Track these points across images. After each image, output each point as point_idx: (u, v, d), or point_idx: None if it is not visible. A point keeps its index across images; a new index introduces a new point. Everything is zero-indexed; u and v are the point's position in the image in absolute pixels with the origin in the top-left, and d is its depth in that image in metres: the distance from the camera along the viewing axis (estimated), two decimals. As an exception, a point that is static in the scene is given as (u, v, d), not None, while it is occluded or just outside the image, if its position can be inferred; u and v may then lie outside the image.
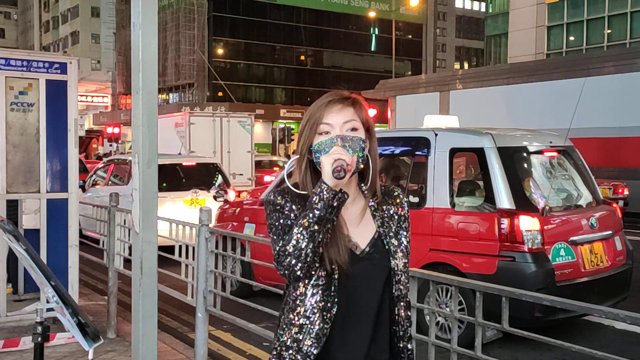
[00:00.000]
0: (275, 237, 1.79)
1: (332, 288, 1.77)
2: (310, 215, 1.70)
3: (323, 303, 1.77)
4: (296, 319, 1.79)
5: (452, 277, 3.15)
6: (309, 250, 1.70)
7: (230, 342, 5.75)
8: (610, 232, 5.89)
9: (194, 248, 4.57)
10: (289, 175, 2.00)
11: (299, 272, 1.73)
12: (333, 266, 1.76)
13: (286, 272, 1.74)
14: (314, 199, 1.70)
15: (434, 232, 5.69)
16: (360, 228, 1.84)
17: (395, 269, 1.84)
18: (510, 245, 5.26)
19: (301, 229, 1.70)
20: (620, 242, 6.00)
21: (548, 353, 5.33)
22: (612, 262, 5.78)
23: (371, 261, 1.82)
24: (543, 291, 4.94)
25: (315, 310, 1.77)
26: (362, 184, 1.89)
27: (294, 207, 1.80)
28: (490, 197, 5.51)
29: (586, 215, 5.79)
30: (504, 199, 5.41)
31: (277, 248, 1.75)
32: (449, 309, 4.95)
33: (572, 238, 5.48)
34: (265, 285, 4.91)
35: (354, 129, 1.81)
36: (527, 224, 5.26)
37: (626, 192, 14.02)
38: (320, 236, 1.70)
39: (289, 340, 1.79)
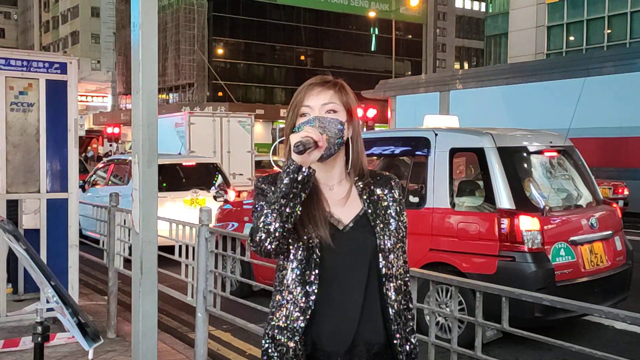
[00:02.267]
0: (254, 219, 1.85)
1: (312, 261, 1.81)
2: (278, 190, 1.75)
3: (303, 276, 1.81)
4: (283, 298, 1.85)
5: (452, 277, 3.15)
6: (277, 225, 1.74)
7: (230, 342, 5.75)
8: (610, 232, 5.89)
9: (194, 248, 4.57)
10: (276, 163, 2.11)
11: (268, 247, 1.77)
12: (311, 240, 1.81)
13: (258, 248, 1.78)
14: (282, 175, 1.76)
15: (434, 232, 5.69)
16: (345, 207, 1.89)
17: (382, 245, 1.86)
18: (510, 245, 5.26)
19: (270, 204, 1.77)
20: (620, 242, 5.99)
21: (548, 353, 5.33)
22: (612, 262, 5.78)
23: (354, 236, 1.86)
24: (543, 291, 4.94)
25: (297, 284, 1.82)
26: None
27: (273, 188, 1.86)
28: (490, 197, 5.51)
29: (586, 215, 5.79)
30: (504, 199, 5.41)
31: (252, 226, 1.81)
32: (449, 309, 4.95)
33: (572, 238, 5.48)
34: (265, 285, 4.91)
35: (333, 111, 1.87)
36: (527, 224, 5.26)
37: (626, 192, 14.02)
38: (288, 211, 1.74)
39: (281, 320, 1.84)
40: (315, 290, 1.81)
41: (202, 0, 53.84)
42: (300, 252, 1.83)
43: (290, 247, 1.84)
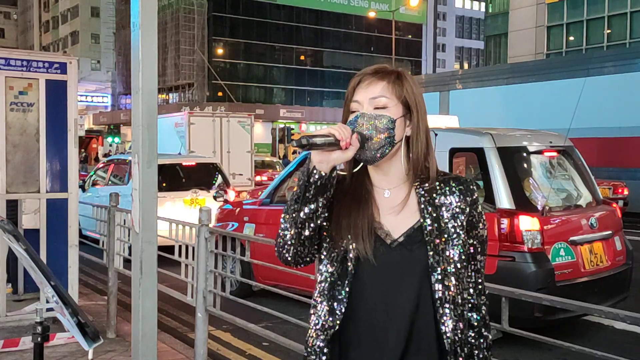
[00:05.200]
0: None
1: (345, 277, 1.60)
2: (292, 194, 1.61)
3: (332, 292, 1.62)
4: (311, 314, 1.68)
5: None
6: (293, 231, 1.60)
7: (230, 342, 5.75)
8: (610, 232, 5.89)
9: (193, 248, 4.57)
10: None
11: (286, 255, 1.64)
12: (347, 253, 1.60)
13: (278, 255, 1.67)
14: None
15: (434, 232, 5.68)
16: (400, 217, 1.63)
17: (435, 265, 1.58)
18: (510, 245, 5.26)
19: (286, 208, 1.62)
20: (620, 242, 5.99)
21: (548, 353, 5.33)
22: (612, 262, 5.78)
23: (403, 253, 1.60)
24: (543, 291, 4.94)
25: (323, 298, 1.63)
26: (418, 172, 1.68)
27: None
28: (490, 197, 5.50)
29: (586, 215, 5.79)
30: (503, 199, 5.41)
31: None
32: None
33: (571, 238, 5.48)
34: (265, 285, 4.92)
35: (382, 107, 1.62)
36: (527, 224, 5.26)
37: (626, 192, 14.03)
38: (302, 216, 1.57)
39: (307, 338, 1.67)
40: (343, 310, 1.60)
41: (202, 0, 53.85)
42: (332, 264, 1.63)
43: (322, 257, 1.66)
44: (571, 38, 33.83)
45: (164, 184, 9.88)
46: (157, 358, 3.73)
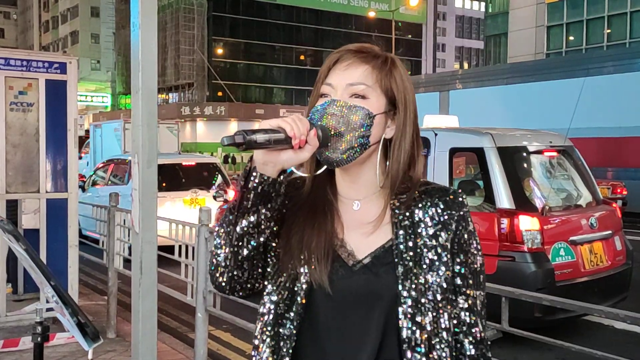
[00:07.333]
0: None
1: (293, 309, 1.26)
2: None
3: (276, 327, 1.27)
4: (252, 352, 1.32)
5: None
6: (227, 250, 1.24)
7: (230, 342, 5.75)
8: (610, 232, 5.89)
9: (193, 248, 4.57)
10: None
11: (219, 279, 1.28)
12: (297, 278, 1.26)
13: (212, 280, 1.30)
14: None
15: (434, 232, 5.68)
16: (371, 236, 1.28)
17: (405, 295, 1.22)
18: (510, 245, 5.26)
19: (221, 220, 1.28)
20: (620, 242, 6.00)
21: (548, 353, 5.33)
22: (612, 262, 5.78)
23: (368, 277, 1.25)
24: (543, 291, 4.94)
25: (266, 337, 1.28)
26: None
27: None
28: (490, 197, 5.51)
29: (586, 215, 5.79)
30: (503, 199, 5.41)
31: None
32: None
33: (571, 238, 5.49)
34: (265, 285, 4.92)
35: (361, 97, 1.27)
36: (527, 223, 5.26)
37: (625, 192, 14.05)
38: (238, 231, 1.22)
39: None
40: (290, 351, 1.24)
41: (202, 0, 53.87)
42: (278, 292, 1.28)
43: (267, 282, 1.32)
44: (571, 38, 33.84)
45: (164, 184, 9.88)
46: (157, 358, 3.72)
